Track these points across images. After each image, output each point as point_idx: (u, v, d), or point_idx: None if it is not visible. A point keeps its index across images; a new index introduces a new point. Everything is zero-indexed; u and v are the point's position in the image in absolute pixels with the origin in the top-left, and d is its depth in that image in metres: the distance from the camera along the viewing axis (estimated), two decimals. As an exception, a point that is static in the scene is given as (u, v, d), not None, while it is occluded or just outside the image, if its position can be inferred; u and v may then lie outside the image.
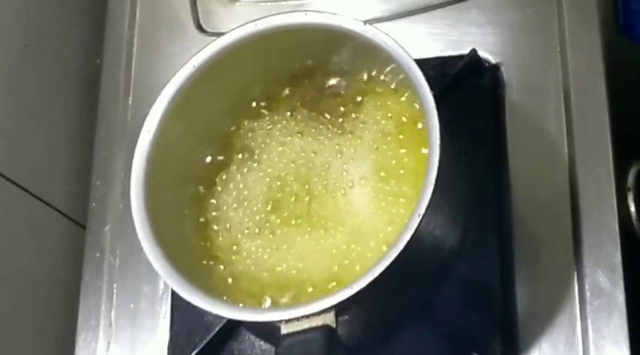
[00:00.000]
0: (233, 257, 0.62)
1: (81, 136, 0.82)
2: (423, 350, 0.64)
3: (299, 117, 0.65)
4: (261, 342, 0.67)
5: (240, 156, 0.65)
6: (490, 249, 0.64)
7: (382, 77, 0.63)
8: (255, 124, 0.65)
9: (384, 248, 0.58)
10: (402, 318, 0.64)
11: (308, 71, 0.65)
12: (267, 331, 0.65)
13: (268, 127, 0.65)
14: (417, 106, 0.61)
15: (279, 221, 0.62)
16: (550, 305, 0.63)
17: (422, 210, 0.53)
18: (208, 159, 0.65)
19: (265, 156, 0.64)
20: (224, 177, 0.64)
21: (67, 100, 0.84)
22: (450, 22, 0.73)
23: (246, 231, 0.63)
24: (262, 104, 0.65)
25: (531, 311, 0.64)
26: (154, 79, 0.76)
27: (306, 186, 0.63)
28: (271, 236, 0.62)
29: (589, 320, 0.62)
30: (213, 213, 0.64)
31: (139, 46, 0.80)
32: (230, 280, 0.61)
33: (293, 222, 0.62)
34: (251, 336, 0.67)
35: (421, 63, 0.57)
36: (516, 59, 0.70)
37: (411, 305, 0.64)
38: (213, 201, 0.64)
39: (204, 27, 0.79)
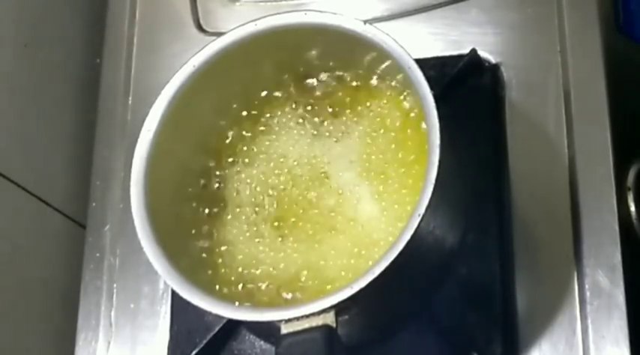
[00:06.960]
0: (233, 257, 0.62)
1: (81, 136, 0.82)
2: (423, 350, 0.64)
3: (299, 116, 0.65)
4: (261, 342, 0.67)
5: (240, 155, 0.65)
6: (490, 249, 0.64)
7: (382, 77, 0.63)
8: (255, 124, 0.65)
9: (385, 247, 0.58)
10: (402, 318, 0.64)
11: (308, 70, 0.65)
12: (267, 331, 0.65)
13: (268, 126, 0.65)
14: (417, 106, 0.61)
15: (279, 221, 0.62)
16: (550, 305, 0.63)
17: (422, 210, 0.53)
18: (208, 159, 0.65)
19: (265, 156, 0.64)
20: (224, 176, 0.64)
21: (67, 100, 0.84)
22: (450, 22, 0.73)
23: (247, 231, 0.63)
24: (262, 103, 0.65)
25: (531, 311, 0.64)
26: (154, 79, 0.76)
27: (307, 185, 0.63)
28: (271, 236, 0.62)
29: (589, 320, 0.62)
30: (214, 213, 0.64)
31: (139, 46, 0.80)
32: (230, 280, 0.61)
33: (293, 222, 0.62)
34: (251, 336, 0.67)
35: (421, 63, 0.57)
36: (516, 59, 0.70)
37: (410, 305, 0.64)
38: (213, 200, 0.64)
39: (204, 27, 0.79)
